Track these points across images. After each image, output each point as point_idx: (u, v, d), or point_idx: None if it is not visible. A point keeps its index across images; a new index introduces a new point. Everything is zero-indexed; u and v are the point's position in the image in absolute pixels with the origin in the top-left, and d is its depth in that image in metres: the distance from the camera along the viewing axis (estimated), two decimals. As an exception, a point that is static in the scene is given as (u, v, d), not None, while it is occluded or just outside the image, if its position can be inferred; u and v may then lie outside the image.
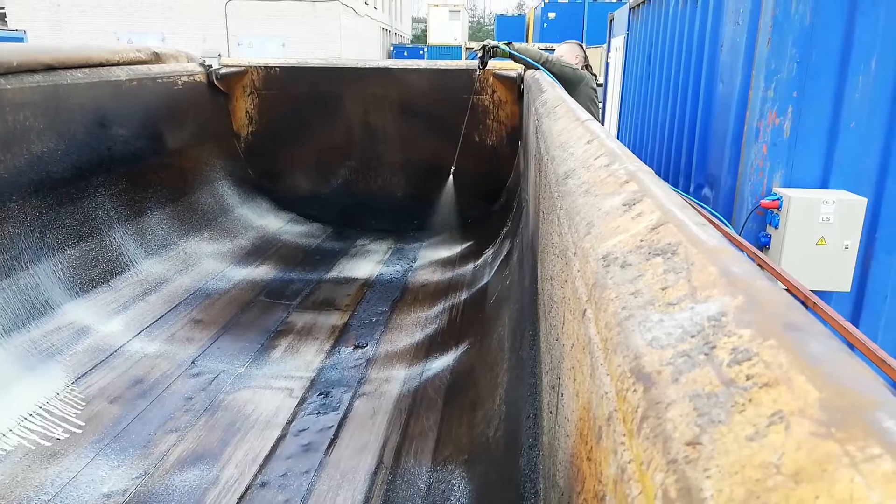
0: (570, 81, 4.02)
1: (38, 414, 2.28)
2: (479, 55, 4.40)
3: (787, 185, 3.62)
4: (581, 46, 4.60)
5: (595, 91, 4.29)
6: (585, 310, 0.58)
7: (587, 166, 0.93)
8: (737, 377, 0.35)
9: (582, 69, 4.28)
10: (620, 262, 0.56)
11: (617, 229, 0.64)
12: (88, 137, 3.33)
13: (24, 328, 2.62)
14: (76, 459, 2.10)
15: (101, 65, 3.49)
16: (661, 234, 0.57)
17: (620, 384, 0.42)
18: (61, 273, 2.96)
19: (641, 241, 0.58)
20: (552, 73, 3.96)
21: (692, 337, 0.40)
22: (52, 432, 2.22)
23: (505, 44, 4.25)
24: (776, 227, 3.53)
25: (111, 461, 2.11)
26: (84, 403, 2.39)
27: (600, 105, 4.50)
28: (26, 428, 2.21)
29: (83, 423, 2.28)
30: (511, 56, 4.19)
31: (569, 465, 0.58)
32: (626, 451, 0.38)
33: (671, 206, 0.63)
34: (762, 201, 3.59)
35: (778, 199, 3.50)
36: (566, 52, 4.43)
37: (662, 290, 0.48)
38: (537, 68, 4.01)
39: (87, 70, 3.35)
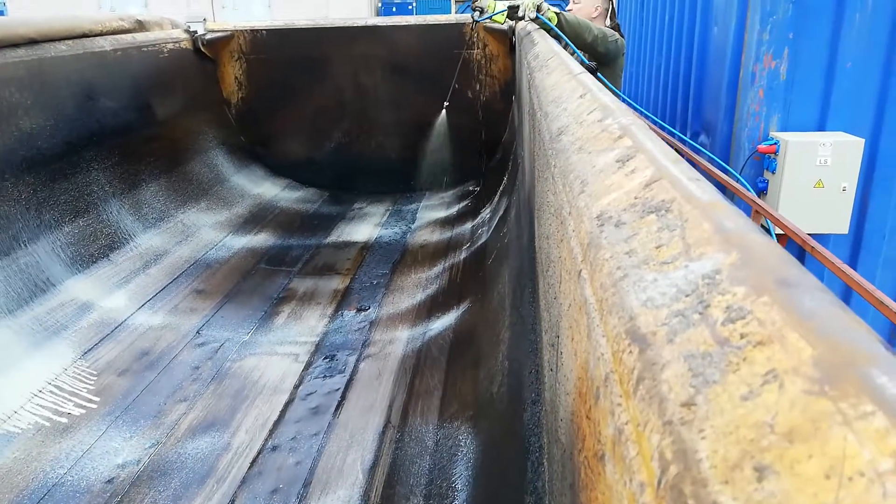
0: (613, 57, 3.48)
1: (48, 390, 2.31)
2: (477, 9, 3.86)
3: (783, 129, 3.59)
4: None
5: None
6: (581, 270, 0.58)
7: (580, 122, 0.92)
8: (731, 336, 0.35)
9: (613, 27, 3.67)
10: (615, 221, 0.56)
11: (611, 187, 0.64)
12: (77, 111, 3.28)
13: (28, 306, 2.63)
14: (89, 432, 2.14)
15: (84, 35, 3.42)
16: (655, 191, 0.56)
17: (616, 345, 0.42)
18: (60, 250, 2.96)
19: (635, 198, 0.58)
20: (599, 52, 3.40)
21: (686, 296, 0.40)
22: (63, 407, 2.25)
23: (555, 12, 3.37)
24: (773, 171, 3.51)
25: (123, 433, 2.14)
26: (93, 377, 2.42)
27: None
28: (37, 404, 2.24)
29: (93, 397, 2.32)
30: (550, 32, 3.31)
31: (570, 423, 0.59)
32: (624, 413, 0.38)
33: (665, 162, 0.62)
34: (759, 146, 3.56)
35: (775, 143, 3.48)
36: (585, 2, 3.76)
37: (657, 248, 0.48)
38: (583, 60, 3.34)
39: (70, 42, 3.28)
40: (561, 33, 3.30)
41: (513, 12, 3.50)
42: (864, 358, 0.29)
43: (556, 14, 3.36)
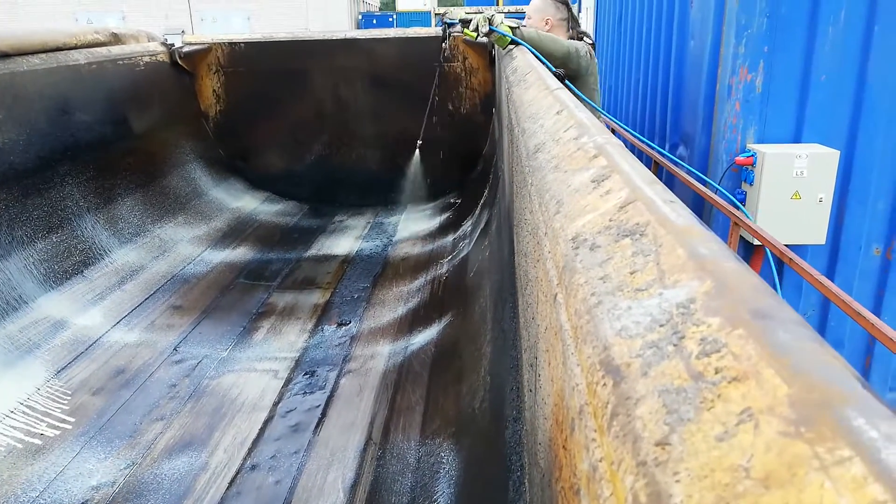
0: (581, 72, 3.35)
1: (20, 410, 2.26)
2: (445, 27, 3.82)
3: (760, 141, 3.64)
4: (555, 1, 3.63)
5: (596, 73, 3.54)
6: (556, 294, 0.57)
7: (556, 139, 0.92)
8: (705, 370, 0.34)
9: (578, 37, 3.53)
10: (590, 244, 0.55)
11: (586, 208, 0.63)
12: (50, 126, 3.23)
13: (-1, 324, 2.57)
14: (62, 454, 2.08)
15: (58, 49, 3.38)
16: (630, 214, 0.56)
17: (591, 377, 0.41)
18: (33, 266, 2.90)
19: (610, 220, 0.57)
20: (571, 69, 3.28)
21: (661, 326, 0.39)
22: (35, 428, 2.20)
23: (510, 25, 3.23)
24: (751, 183, 3.55)
25: (98, 453, 2.10)
26: (66, 397, 2.37)
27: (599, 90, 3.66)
28: (9, 426, 2.18)
29: (67, 417, 2.26)
30: (515, 44, 3.23)
31: (548, 448, 0.58)
32: (598, 449, 0.37)
33: (640, 183, 0.62)
34: (737, 158, 3.60)
35: (752, 155, 3.52)
36: (535, 15, 3.64)
37: (631, 274, 0.47)
38: (549, 68, 3.06)
39: (43, 55, 3.23)
40: (523, 43, 3.15)
41: (464, 26, 3.38)
42: (841, 397, 0.29)
43: (512, 28, 3.21)
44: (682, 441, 0.31)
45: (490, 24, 3.23)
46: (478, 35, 3.32)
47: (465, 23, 3.38)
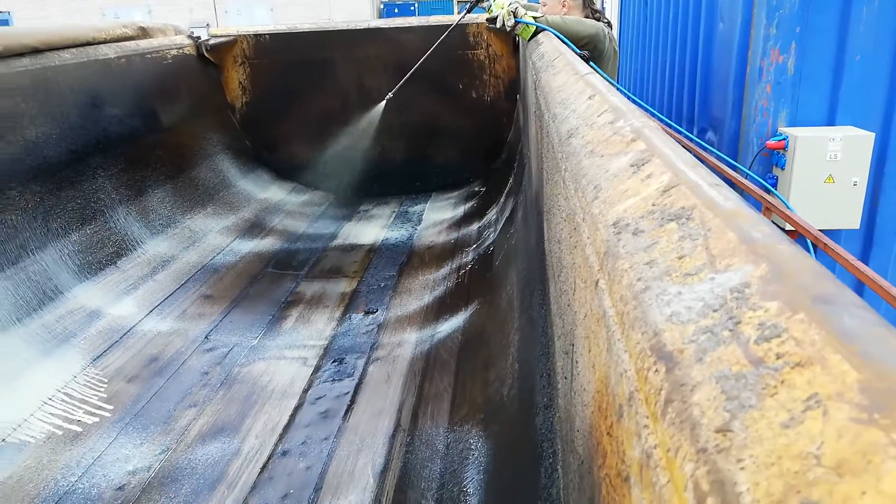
0: (605, 56, 3.33)
1: (58, 398, 2.31)
2: (469, 8, 3.85)
3: (792, 124, 3.56)
4: None
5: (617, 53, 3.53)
6: (598, 280, 0.56)
7: (590, 124, 0.90)
8: (766, 356, 0.33)
9: (594, 15, 3.52)
10: (632, 229, 0.54)
11: (626, 192, 0.62)
12: (82, 119, 3.28)
13: (37, 314, 2.63)
14: (99, 439, 2.13)
15: (88, 43, 3.42)
16: (674, 198, 0.55)
17: (640, 363, 0.40)
18: (68, 258, 2.96)
19: (653, 205, 0.56)
20: (599, 50, 3.26)
21: (714, 311, 0.38)
22: (73, 414, 2.25)
23: (533, 15, 3.27)
24: (783, 167, 3.48)
25: (134, 439, 2.14)
26: (102, 384, 2.42)
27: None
28: (48, 412, 2.24)
29: (103, 404, 2.31)
30: (540, 30, 3.21)
31: (588, 436, 0.57)
32: (651, 436, 0.36)
33: (682, 167, 0.60)
34: (768, 142, 3.53)
35: (784, 139, 3.44)
36: (550, 3, 3.60)
37: (679, 258, 0.46)
38: (576, 52, 3.06)
39: (74, 50, 3.28)
40: (549, 28, 3.16)
41: (491, 23, 3.42)
42: (915, 383, 0.28)
43: (535, 17, 3.25)
44: (745, 428, 0.30)
45: (515, 16, 3.27)
46: (505, 29, 3.34)
47: (491, 20, 3.40)
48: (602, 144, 0.79)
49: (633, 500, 0.38)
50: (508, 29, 3.31)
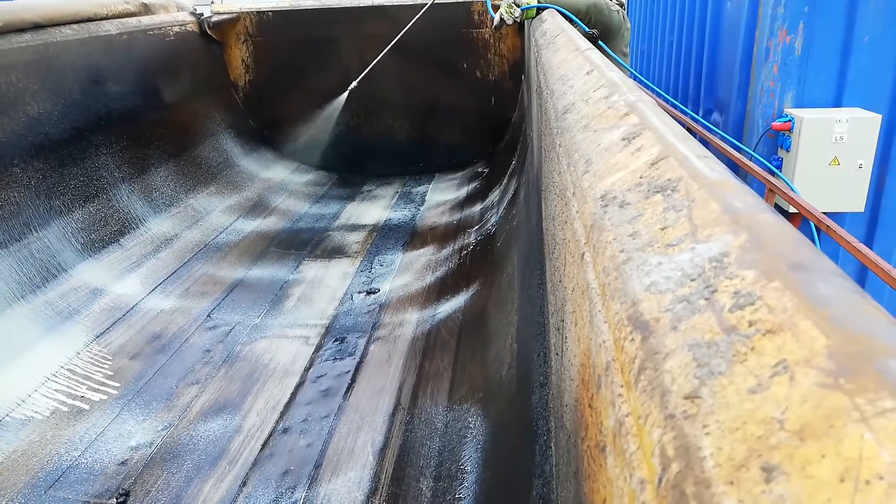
0: (613, 29, 3.34)
1: (61, 374, 2.33)
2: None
3: (798, 105, 3.52)
4: None
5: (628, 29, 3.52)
6: (584, 253, 0.56)
7: (586, 99, 0.89)
8: (738, 324, 0.33)
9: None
10: (619, 202, 0.53)
11: (616, 166, 0.61)
12: (84, 96, 3.27)
13: (40, 291, 2.65)
14: (102, 415, 2.15)
15: (90, 19, 3.40)
16: (662, 170, 0.54)
17: (618, 332, 0.40)
18: (71, 235, 2.97)
19: (641, 177, 0.55)
20: (595, 26, 3.28)
21: (692, 280, 0.38)
22: (76, 391, 2.27)
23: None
24: (788, 149, 3.44)
25: (136, 415, 2.16)
26: (105, 361, 2.44)
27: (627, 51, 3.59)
28: (52, 388, 2.26)
29: (106, 381, 2.33)
30: (542, 9, 3.29)
31: (574, 410, 0.57)
32: (625, 404, 0.36)
33: (672, 139, 0.59)
34: (773, 124, 3.49)
35: (790, 120, 3.41)
36: None
37: (662, 230, 0.45)
38: (577, 24, 3.18)
39: (75, 26, 3.26)
40: (550, 5, 3.21)
41: (498, 28, 3.60)
42: (883, 348, 0.27)
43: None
44: (713, 394, 0.30)
45: (517, 5, 3.39)
46: (513, 22, 3.47)
47: (497, 26, 3.59)
48: (596, 119, 0.78)
49: (608, 468, 0.38)
50: (517, 20, 3.42)
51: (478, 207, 3.90)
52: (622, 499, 0.34)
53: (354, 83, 4.31)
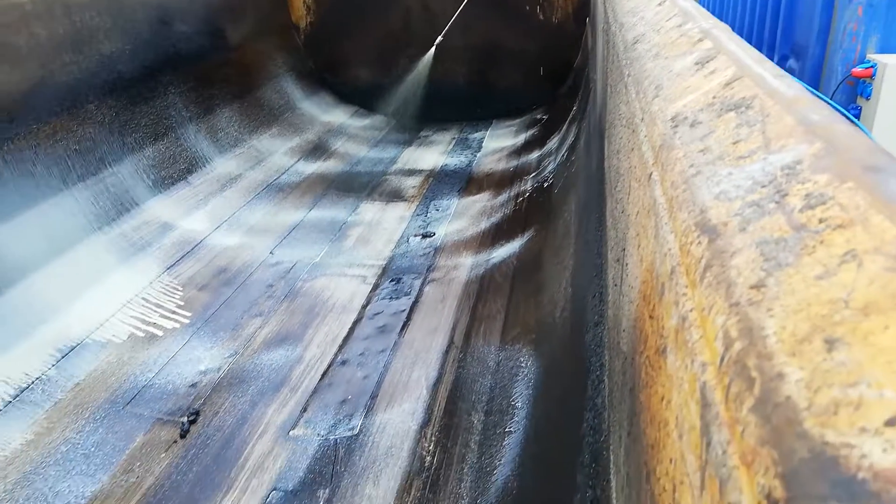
0: None
1: (136, 301, 2.48)
2: None
3: (883, 50, 3.30)
4: None
5: None
6: (651, 173, 0.56)
7: (657, 29, 0.87)
8: (808, 221, 0.33)
9: None
10: (690, 122, 0.53)
11: (687, 89, 0.60)
12: (153, 36, 3.36)
13: (115, 224, 2.79)
14: (174, 341, 2.29)
15: (158, -41, 3.46)
16: (736, 90, 0.53)
17: (684, 238, 0.41)
18: (143, 172, 3.10)
19: (714, 98, 0.55)
20: None
21: (763, 187, 0.38)
22: (149, 318, 2.41)
23: None
24: (868, 97, 3.25)
25: (205, 343, 2.29)
26: (176, 291, 2.57)
27: None
28: (127, 314, 2.41)
29: (177, 309, 2.47)
30: None
31: (632, 330, 0.58)
32: (688, 301, 0.37)
33: (748, 61, 0.58)
34: (853, 70, 3.29)
35: (872, 66, 3.21)
36: None
37: (734, 144, 0.45)
38: None
39: (144, -34, 3.32)
40: None
41: None
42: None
43: None
44: (779, 283, 0.31)
45: None
46: None
47: None
48: (667, 47, 0.76)
49: (668, 366, 0.39)
50: None
51: (535, 155, 3.86)
52: (682, 386, 0.35)
53: (440, 37, 4.25)
